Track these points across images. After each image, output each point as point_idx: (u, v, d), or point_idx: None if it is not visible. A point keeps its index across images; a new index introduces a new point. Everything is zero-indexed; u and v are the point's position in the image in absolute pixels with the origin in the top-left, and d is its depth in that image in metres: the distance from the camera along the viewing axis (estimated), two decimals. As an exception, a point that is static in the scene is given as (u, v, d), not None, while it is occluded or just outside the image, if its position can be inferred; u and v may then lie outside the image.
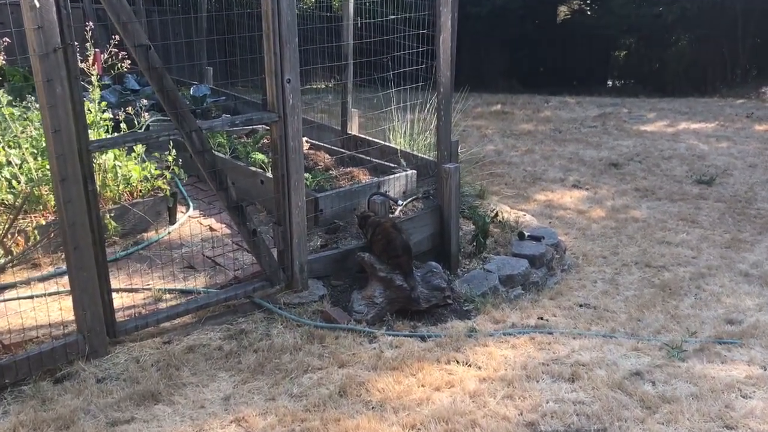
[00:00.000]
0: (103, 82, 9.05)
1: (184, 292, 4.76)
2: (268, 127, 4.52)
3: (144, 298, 4.67)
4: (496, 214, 6.41)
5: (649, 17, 17.67)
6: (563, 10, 22.72)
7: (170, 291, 4.77)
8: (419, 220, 5.59)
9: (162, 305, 4.59)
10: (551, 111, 13.52)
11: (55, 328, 4.21)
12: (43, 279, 4.81)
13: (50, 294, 4.59)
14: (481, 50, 19.33)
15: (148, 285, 4.84)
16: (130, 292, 4.73)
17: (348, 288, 5.03)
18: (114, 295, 4.58)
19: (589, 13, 21.48)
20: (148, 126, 6.31)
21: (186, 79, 9.59)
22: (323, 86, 12.50)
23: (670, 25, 17.86)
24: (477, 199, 7.19)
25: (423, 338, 4.50)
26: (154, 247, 5.42)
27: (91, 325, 3.93)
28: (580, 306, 5.30)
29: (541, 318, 4.91)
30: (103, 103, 5.65)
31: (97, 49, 5.30)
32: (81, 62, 5.23)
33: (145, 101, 8.52)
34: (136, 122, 5.50)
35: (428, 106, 7.51)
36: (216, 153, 6.53)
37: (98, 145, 3.78)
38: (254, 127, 7.17)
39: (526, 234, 6.09)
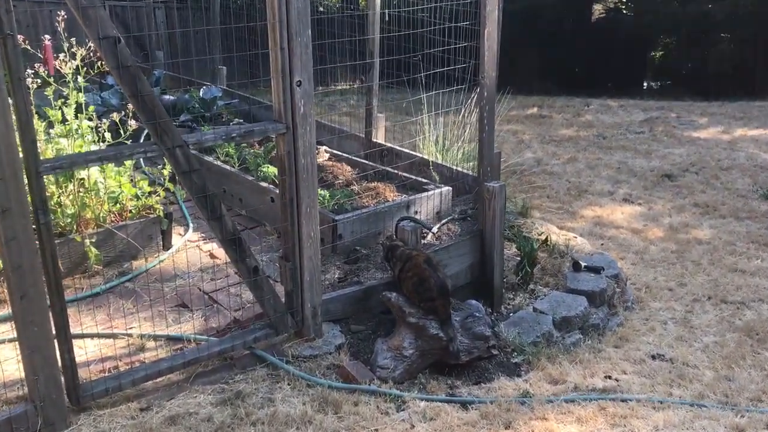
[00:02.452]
0: (106, 82, 8.34)
1: (172, 339, 3.92)
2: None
3: (124, 347, 3.83)
4: (546, 240, 5.48)
5: (695, 15, 16.56)
6: (598, 9, 21.68)
7: (156, 337, 3.93)
8: (456, 248, 4.69)
9: (144, 356, 3.75)
10: (592, 115, 12.51)
11: (9, 388, 3.39)
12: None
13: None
14: (515, 49, 18.33)
15: (131, 329, 4.00)
16: (107, 338, 3.90)
17: (371, 335, 4.14)
18: (87, 342, 3.77)
19: (625, 11, 20.42)
20: (146, 135, 5.49)
21: (196, 79, 8.78)
22: (347, 87, 11.66)
23: (717, 23, 16.75)
24: (519, 217, 6.26)
25: (464, 405, 3.61)
26: (143, 278, 4.59)
27: (46, 392, 3.10)
28: (653, 358, 4.36)
29: (610, 377, 3.99)
30: (91, 108, 4.83)
31: (47, 38, 4.39)
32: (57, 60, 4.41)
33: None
34: (121, 130, 4.66)
35: (463, 110, 6.61)
36: (222, 165, 5.70)
37: (52, 166, 2.94)
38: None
39: (583, 264, 5.15)
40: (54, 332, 3.12)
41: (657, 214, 7.78)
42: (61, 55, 4.33)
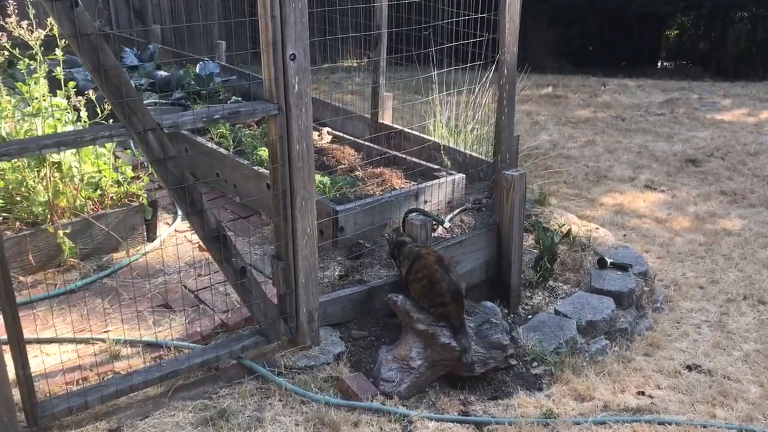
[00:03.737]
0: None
1: (150, 346, 3.49)
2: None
3: (95, 355, 3.40)
4: (569, 232, 5.02)
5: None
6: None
7: (132, 343, 3.50)
8: (471, 243, 4.23)
9: (117, 366, 3.32)
10: (609, 95, 11.95)
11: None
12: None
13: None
14: (526, 25, 17.69)
15: (107, 332, 3.58)
16: (78, 343, 3.47)
17: (374, 341, 3.70)
18: (54, 348, 3.35)
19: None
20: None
21: (193, 55, 8.28)
22: (353, 64, 11.13)
23: (737, 1, 16.06)
24: (535, 206, 5.79)
25: (479, 426, 3.17)
26: (123, 274, 4.15)
27: (-4, 414, 2.67)
28: (689, 369, 3.91)
29: (643, 393, 3.54)
30: (71, 84, 4.36)
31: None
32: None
33: (143, 80, 7.35)
34: (99, 109, 4.20)
35: (477, 88, 6.11)
36: (216, 147, 5.24)
37: (-5, 153, 2.48)
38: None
39: (609, 261, 4.68)
40: (5, 344, 2.69)
41: (681, 202, 7.29)
42: (24, 23, 3.85)
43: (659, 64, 20.75)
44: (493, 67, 5.25)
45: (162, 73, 7.44)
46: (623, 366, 3.86)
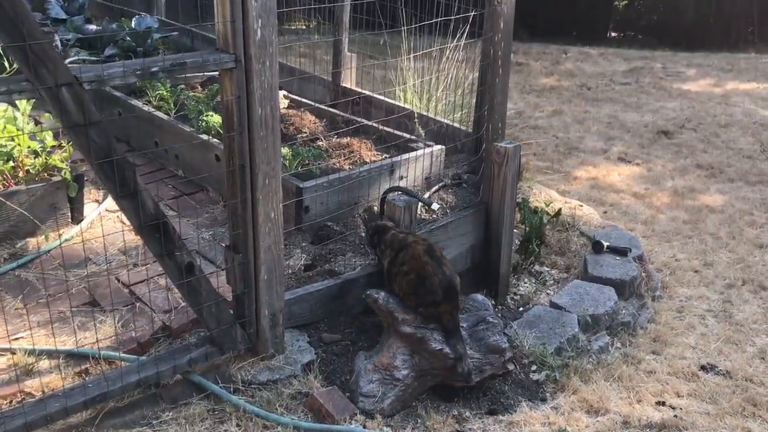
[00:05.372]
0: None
1: (73, 357, 2.82)
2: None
3: (3, 370, 2.71)
4: (558, 212, 4.50)
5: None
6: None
7: (49, 354, 2.82)
8: (456, 226, 3.65)
9: (31, 385, 2.65)
10: (572, 63, 11.51)
11: None
12: None
13: None
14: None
15: (17, 339, 2.89)
16: (-21, 356, 2.77)
17: (349, 346, 3.10)
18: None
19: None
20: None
21: (129, 9, 7.40)
22: (303, 27, 10.35)
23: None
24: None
25: (481, 452, 2.63)
26: (41, 264, 3.43)
27: None
28: (705, 370, 3.44)
29: (663, 403, 3.06)
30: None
31: None
32: None
33: (70, 35, 6.48)
34: (6, 63, 3.43)
35: (448, 51, 5.50)
36: (154, 111, 4.51)
37: None
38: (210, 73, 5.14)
39: (605, 244, 4.19)
40: None
41: (658, 176, 6.88)
42: None
43: (610, 34, 20.47)
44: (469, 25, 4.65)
45: (92, 27, 6.58)
46: (633, 368, 3.36)
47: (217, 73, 2.50)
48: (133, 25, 6.53)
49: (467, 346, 2.98)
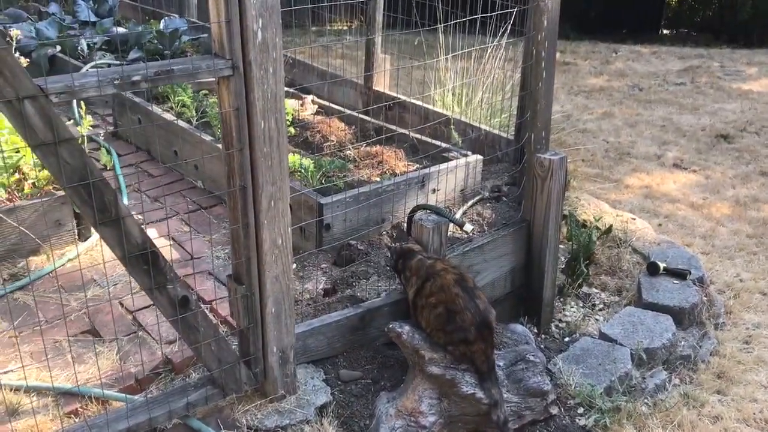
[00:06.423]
0: (47, 10, 6.79)
1: (64, 394, 2.55)
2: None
3: (-14, 409, 2.46)
4: (609, 229, 4.09)
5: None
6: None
7: (39, 391, 2.55)
8: (494, 247, 3.28)
9: (16, 426, 2.38)
10: (622, 62, 10.96)
11: None
12: None
13: None
14: (528, -12, 16.58)
15: (5, 373, 2.63)
16: (-38, 392, 2.52)
17: (370, 385, 2.76)
18: None
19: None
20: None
21: (160, 10, 7.20)
22: (345, 26, 10.07)
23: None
24: (558, 191, 4.85)
25: None
26: (44, 285, 3.18)
27: None
28: (783, 418, 3.00)
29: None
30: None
31: None
32: None
33: (97, 38, 6.31)
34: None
35: (489, 51, 5.12)
36: (173, 119, 4.24)
37: None
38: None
39: (662, 266, 3.76)
40: None
41: (717, 184, 6.38)
42: None
43: (659, 31, 19.72)
44: (510, 23, 4.27)
45: (120, 30, 6.40)
46: (696, 413, 2.95)
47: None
48: (161, 27, 6.33)
49: (504, 388, 2.61)
